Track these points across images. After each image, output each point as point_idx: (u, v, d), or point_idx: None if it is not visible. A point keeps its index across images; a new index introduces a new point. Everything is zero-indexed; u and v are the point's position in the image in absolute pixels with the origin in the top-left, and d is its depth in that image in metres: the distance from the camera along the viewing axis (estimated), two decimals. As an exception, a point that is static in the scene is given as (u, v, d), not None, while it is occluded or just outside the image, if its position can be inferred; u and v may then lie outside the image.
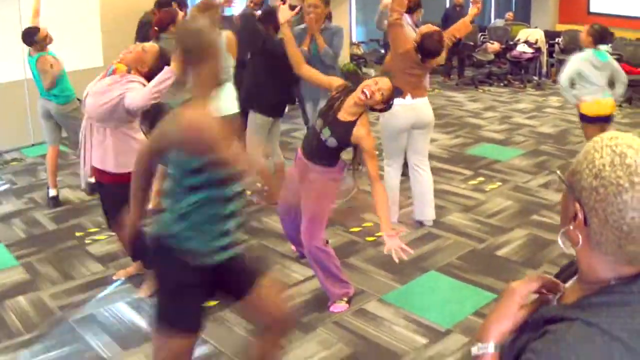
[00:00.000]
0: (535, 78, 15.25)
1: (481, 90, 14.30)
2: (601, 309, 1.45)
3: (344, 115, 4.77)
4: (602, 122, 7.39)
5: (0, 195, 8.22)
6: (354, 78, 6.70)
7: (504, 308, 1.62)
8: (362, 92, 4.68)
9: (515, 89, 14.54)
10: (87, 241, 6.67)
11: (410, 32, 6.75)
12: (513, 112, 12.19)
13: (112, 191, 5.17)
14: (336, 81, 5.06)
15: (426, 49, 6.15)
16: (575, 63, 7.41)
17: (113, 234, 6.26)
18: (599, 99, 7.41)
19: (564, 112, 11.95)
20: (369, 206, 5.16)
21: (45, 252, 6.46)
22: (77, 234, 6.88)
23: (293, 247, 6.05)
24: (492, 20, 19.18)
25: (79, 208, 7.63)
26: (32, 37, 7.36)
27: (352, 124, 4.74)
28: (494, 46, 14.91)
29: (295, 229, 5.31)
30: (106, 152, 5.16)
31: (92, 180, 5.51)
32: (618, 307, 1.44)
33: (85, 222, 7.17)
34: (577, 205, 1.49)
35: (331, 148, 4.84)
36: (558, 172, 1.63)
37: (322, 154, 4.92)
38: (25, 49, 7.83)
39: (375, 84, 4.73)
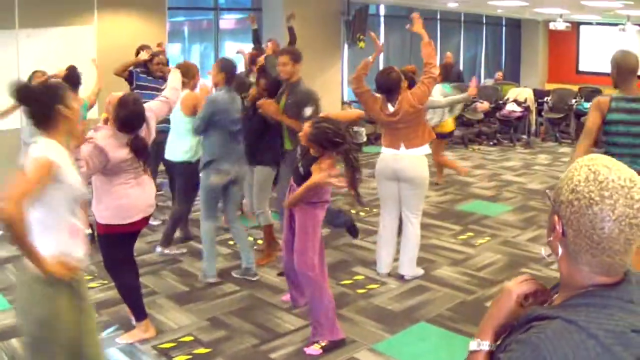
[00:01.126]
0: (524, 136, 15.46)
1: (471, 149, 14.49)
2: (580, 309, 1.58)
3: (312, 150, 5.16)
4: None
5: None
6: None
7: (502, 307, 1.75)
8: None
9: (504, 147, 14.74)
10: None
11: None
12: (502, 169, 12.35)
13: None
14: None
15: (379, 86, 6.48)
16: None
17: (105, 281, 6.32)
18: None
19: (552, 169, 12.12)
20: None
21: (37, 296, 6.44)
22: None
23: (285, 297, 6.14)
24: (482, 80, 19.43)
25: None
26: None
27: (315, 158, 5.14)
28: (484, 105, 15.09)
29: (292, 262, 5.45)
30: None
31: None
32: (597, 309, 1.57)
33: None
34: (556, 217, 1.64)
35: (304, 175, 5.17)
36: (547, 190, 1.77)
37: (300, 181, 5.20)
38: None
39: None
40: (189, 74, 7.05)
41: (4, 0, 10.30)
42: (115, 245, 5.27)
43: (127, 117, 5.00)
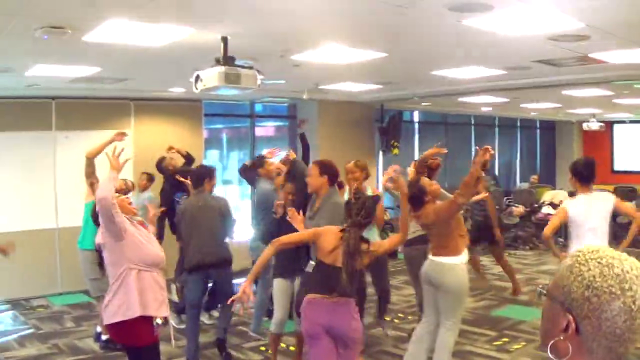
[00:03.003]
0: (561, 240, 15.27)
1: (507, 254, 14.35)
2: None
3: None
4: None
5: (25, 339, 8.33)
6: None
7: None
8: None
9: (540, 251, 14.59)
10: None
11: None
12: (538, 274, 12.22)
13: None
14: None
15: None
16: None
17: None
18: None
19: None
20: None
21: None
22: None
23: None
24: (518, 184, 19.42)
25: (101, 357, 7.66)
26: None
27: None
28: (519, 209, 15.08)
29: None
30: None
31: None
32: None
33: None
34: (569, 316, 1.59)
35: None
36: (539, 288, 1.75)
37: None
38: (59, 199, 8.11)
39: None
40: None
41: (43, 105, 10.62)
42: None
43: None
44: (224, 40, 6.52)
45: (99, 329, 8.12)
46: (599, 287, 1.55)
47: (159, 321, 4.93)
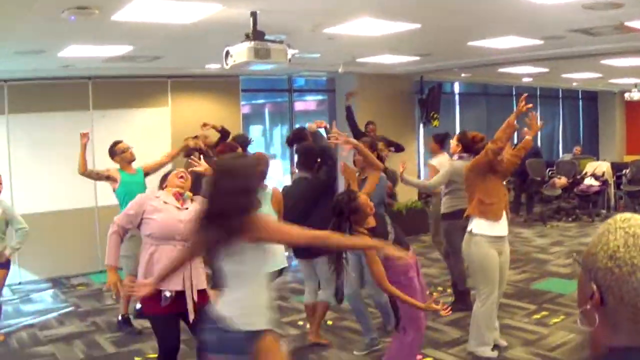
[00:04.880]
0: (604, 211, 15.07)
1: (549, 226, 14.18)
2: None
3: None
4: None
5: (65, 317, 8.41)
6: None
7: None
8: None
9: (583, 223, 14.38)
10: (144, 366, 6.71)
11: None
12: (580, 246, 12.01)
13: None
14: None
15: None
16: None
17: None
18: None
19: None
20: None
21: (102, 374, 6.51)
22: (136, 358, 6.95)
23: None
24: (560, 155, 19.17)
25: (141, 334, 7.69)
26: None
27: None
28: (562, 181, 14.86)
29: None
30: (201, 272, 5.27)
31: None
32: None
33: (145, 348, 7.23)
34: (594, 285, 1.53)
35: None
36: (574, 255, 1.67)
37: None
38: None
39: None
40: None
41: (79, 85, 10.65)
42: None
43: None
44: (253, 15, 6.45)
45: (138, 305, 8.17)
46: (621, 258, 1.49)
47: (167, 294, 4.99)
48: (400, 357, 5.64)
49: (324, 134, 7.41)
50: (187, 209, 5.23)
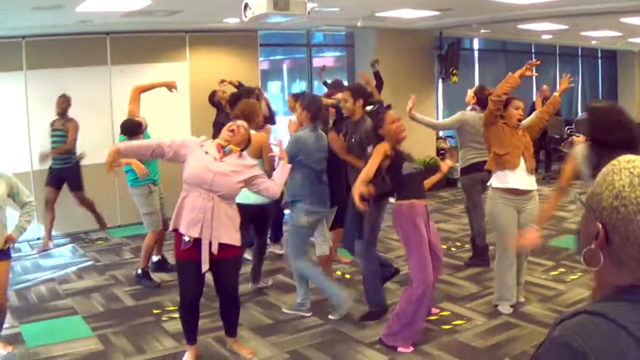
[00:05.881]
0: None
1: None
2: (607, 304, 1.49)
3: None
4: None
5: (83, 271, 8.46)
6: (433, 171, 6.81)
7: None
8: None
9: (600, 181, 14.25)
10: (163, 318, 6.75)
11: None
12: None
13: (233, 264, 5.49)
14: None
15: None
16: None
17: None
18: None
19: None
20: None
21: (121, 325, 6.57)
22: (155, 311, 6.98)
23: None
24: (579, 113, 19.01)
25: (160, 287, 7.72)
26: (138, 129, 7.58)
27: None
28: (580, 139, 14.69)
29: None
30: (227, 226, 5.29)
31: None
32: (625, 304, 1.47)
33: (164, 301, 7.27)
34: (599, 225, 1.54)
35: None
36: (577, 194, 1.69)
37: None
38: (116, 132, 8.14)
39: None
40: (251, 114, 6.95)
41: (97, 40, 10.61)
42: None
43: None
44: (272, -35, 6.37)
45: (154, 258, 8.20)
46: (627, 197, 1.50)
47: (186, 239, 5.17)
48: (408, 310, 5.68)
49: None
50: (224, 162, 5.31)
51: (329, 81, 10.35)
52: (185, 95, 11.19)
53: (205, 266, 5.20)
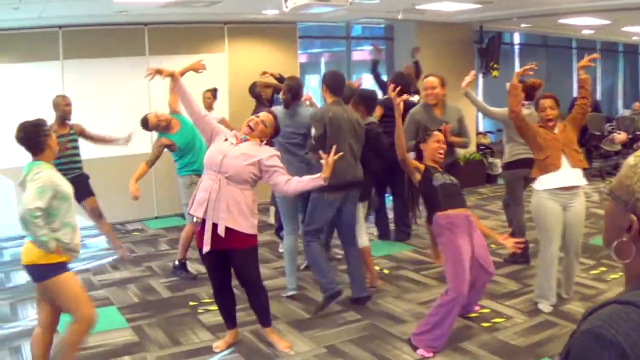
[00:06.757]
0: None
1: (608, 181, 13.89)
2: (638, 292, 1.48)
3: None
4: None
5: (119, 262, 8.45)
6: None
7: None
8: None
9: (641, 179, 14.05)
10: (199, 310, 6.73)
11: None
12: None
13: (245, 255, 5.36)
14: None
15: None
16: None
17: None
18: None
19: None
20: None
21: (156, 317, 6.56)
22: (191, 303, 6.95)
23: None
24: (620, 111, 18.79)
25: (196, 279, 7.70)
26: (145, 125, 7.66)
27: None
28: (621, 136, 14.51)
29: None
30: (235, 210, 5.21)
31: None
32: None
33: (200, 293, 7.25)
34: (633, 217, 1.53)
35: None
36: (602, 187, 1.64)
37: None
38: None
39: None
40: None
41: (136, 31, 10.62)
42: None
43: None
44: (314, -44, 6.32)
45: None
46: None
47: (194, 219, 5.32)
48: (437, 313, 5.62)
49: None
50: (238, 146, 5.31)
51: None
52: (224, 87, 11.20)
53: (206, 247, 5.19)
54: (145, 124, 7.65)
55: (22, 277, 7.67)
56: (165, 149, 7.62)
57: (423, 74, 9.91)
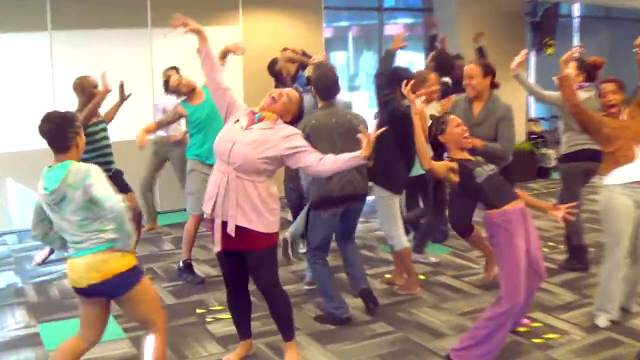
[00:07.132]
0: None
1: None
2: None
3: None
4: None
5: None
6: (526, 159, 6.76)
7: None
8: None
9: None
10: (207, 319, 6.75)
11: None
12: None
13: (259, 257, 5.28)
14: None
15: None
16: None
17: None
18: None
19: None
20: None
21: (158, 327, 6.54)
22: (198, 310, 6.99)
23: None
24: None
25: (204, 283, 7.73)
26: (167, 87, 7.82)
27: None
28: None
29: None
30: (247, 207, 5.12)
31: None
32: None
33: (209, 299, 7.27)
34: None
35: None
36: None
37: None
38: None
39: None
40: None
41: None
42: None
43: None
44: None
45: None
46: None
47: (204, 215, 5.48)
48: (487, 327, 5.50)
49: None
50: (251, 129, 5.19)
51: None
52: (238, 64, 11.17)
53: (216, 247, 5.23)
54: (166, 84, 7.83)
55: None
56: None
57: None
